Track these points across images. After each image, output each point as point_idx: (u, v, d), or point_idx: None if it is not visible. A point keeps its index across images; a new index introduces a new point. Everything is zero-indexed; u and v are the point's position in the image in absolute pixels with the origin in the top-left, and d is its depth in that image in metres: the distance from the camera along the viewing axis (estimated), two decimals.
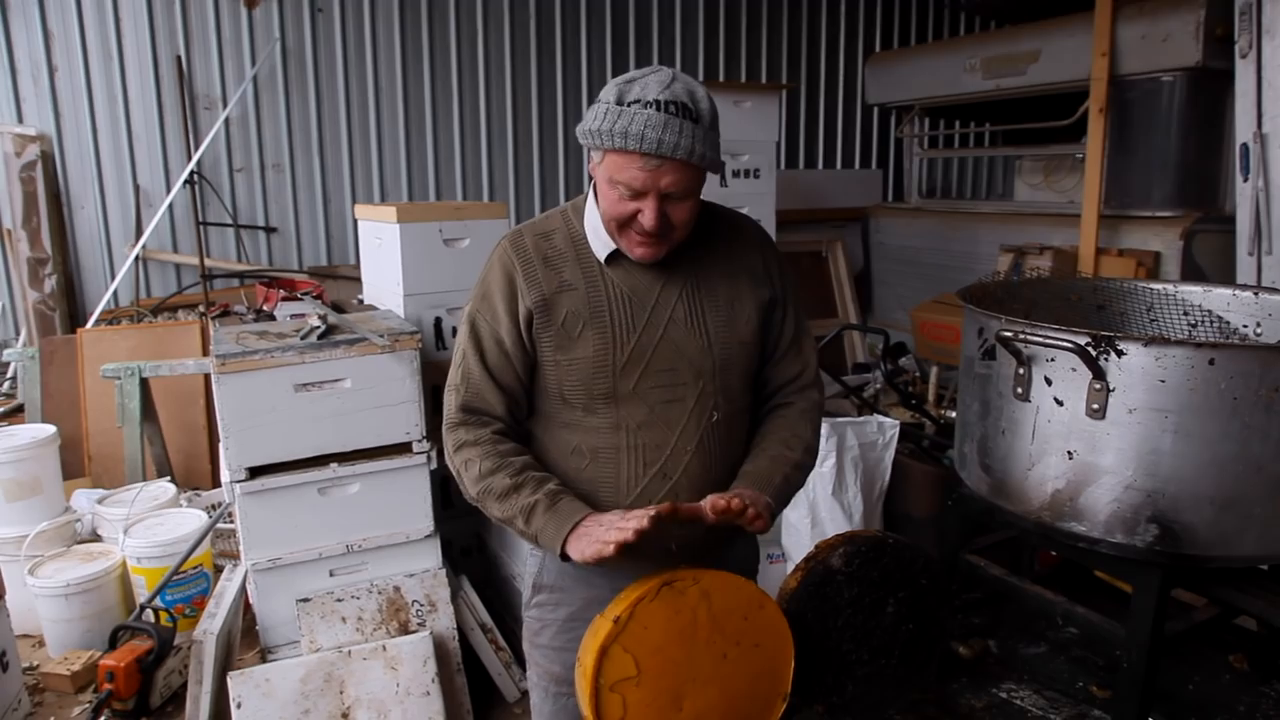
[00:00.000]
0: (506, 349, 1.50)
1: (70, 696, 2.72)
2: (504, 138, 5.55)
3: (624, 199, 1.38)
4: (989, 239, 4.80)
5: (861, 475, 3.03)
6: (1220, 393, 1.64)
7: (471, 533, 3.23)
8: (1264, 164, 3.54)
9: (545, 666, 1.63)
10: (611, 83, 1.41)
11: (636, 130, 1.32)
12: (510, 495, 1.44)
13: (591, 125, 1.37)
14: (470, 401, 1.51)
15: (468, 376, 1.52)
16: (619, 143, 1.33)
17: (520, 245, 1.51)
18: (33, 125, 4.45)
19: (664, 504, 1.34)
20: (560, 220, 1.55)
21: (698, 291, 1.53)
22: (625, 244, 1.45)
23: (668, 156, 1.33)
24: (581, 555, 1.37)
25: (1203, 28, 3.71)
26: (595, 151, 1.41)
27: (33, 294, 4.40)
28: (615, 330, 1.47)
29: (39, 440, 3.12)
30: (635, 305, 1.49)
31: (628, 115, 1.33)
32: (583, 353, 1.46)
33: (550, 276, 1.48)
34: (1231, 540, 1.72)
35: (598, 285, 1.49)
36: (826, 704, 1.65)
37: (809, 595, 1.61)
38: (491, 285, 1.52)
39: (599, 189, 1.44)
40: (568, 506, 1.43)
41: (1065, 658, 2.44)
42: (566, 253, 1.51)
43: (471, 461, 1.47)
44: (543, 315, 1.47)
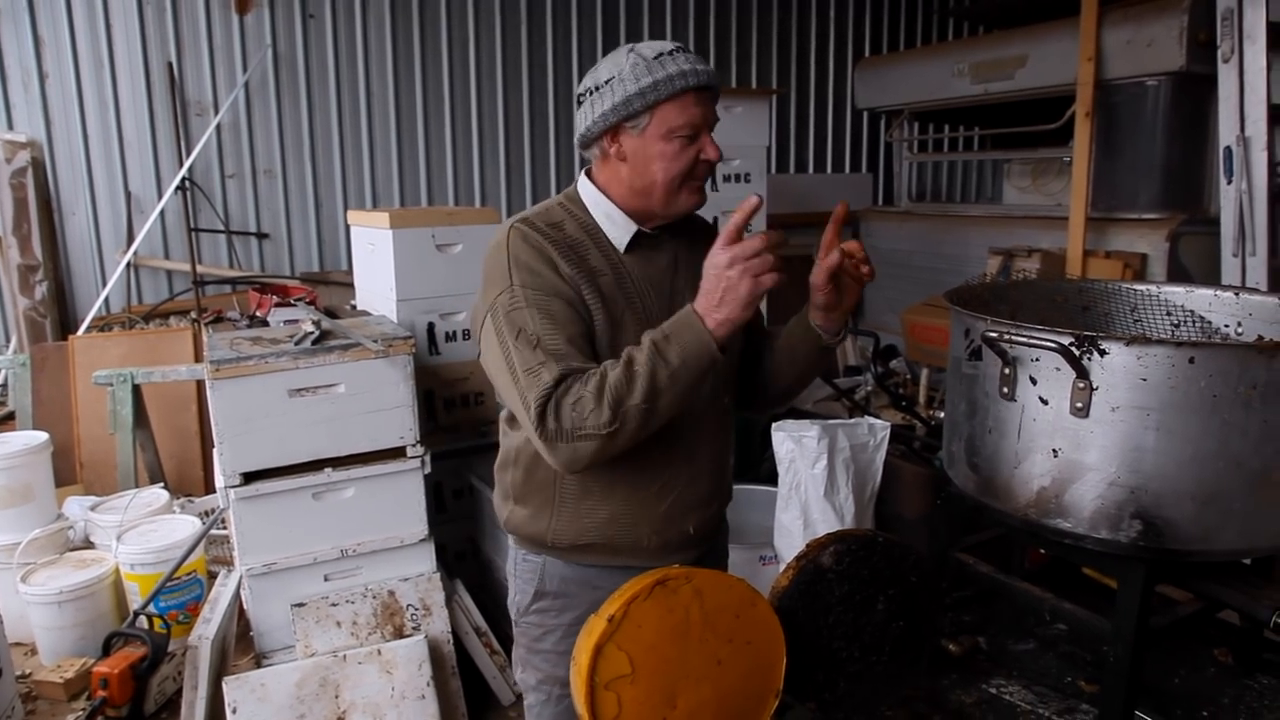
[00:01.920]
0: (579, 311, 1.42)
1: (63, 704, 2.71)
2: (496, 143, 5.57)
3: (684, 147, 1.41)
4: (978, 242, 4.84)
5: (853, 477, 3.05)
6: (1200, 391, 1.66)
7: (465, 537, 3.25)
8: (1247, 167, 3.59)
9: (549, 671, 1.63)
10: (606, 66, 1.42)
11: (686, 69, 1.37)
12: (631, 370, 1.33)
13: (629, 91, 1.38)
14: (567, 370, 1.37)
15: (555, 352, 1.38)
16: (679, 85, 1.37)
17: (537, 228, 1.46)
18: (23, 131, 4.45)
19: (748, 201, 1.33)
20: (562, 212, 1.52)
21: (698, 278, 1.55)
22: (683, 200, 1.47)
23: (714, 86, 1.40)
24: (743, 304, 1.31)
25: (1186, 33, 3.75)
26: (633, 121, 1.40)
27: (23, 301, 4.40)
28: (649, 320, 1.47)
29: (31, 447, 3.11)
30: (657, 293, 1.51)
31: (665, 63, 1.37)
32: (625, 341, 1.44)
33: (580, 261, 1.46)
34: (1213, 535, 1.75)
35: (622, 274, 1.49)
36: (818, 701, 1.68)
37: (800, 593, 1.63)
38: (533, 264, 1.43)
39: (647, 159, 1.43)
40: (674, 320, 1.37)
41: (1053, 653, 2.47)
42: (584, 241, 1.49)
43: (578, 401, 1.34)
44: (591, 291, 1.44)
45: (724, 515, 1.75)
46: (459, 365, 3.17)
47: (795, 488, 2.99)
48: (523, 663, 1.69)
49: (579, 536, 1.55)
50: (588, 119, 1.45)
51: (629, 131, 1.43)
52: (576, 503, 1.54)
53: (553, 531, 1.56)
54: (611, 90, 1.40)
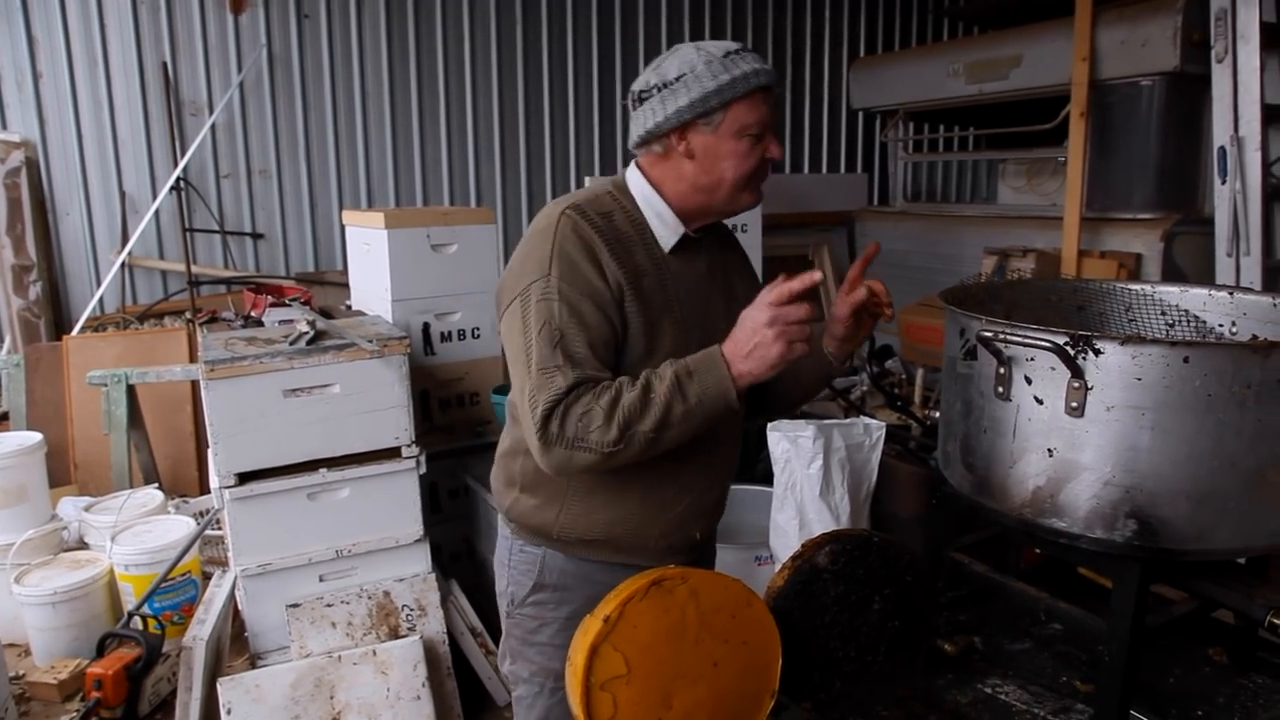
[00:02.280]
0: (610, 319, 1.41)
1: (57, 705, 2.71)
2: (491, 143, 5.56)
3: (753, 145, 1.43)
4: (973, 242, 4.84)
5: (848, 477, 3.06)
6: (1195, 390, 1.67)
7: (461, 537, 3.24)
8: (1241, 167, 3.60)
9: (543, 664, 1.62)
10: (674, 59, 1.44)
11: (760, 67, 1.40)
12: (648, 398, 1.34)
13: (704, 89, 1.39)
14: (579, 378, 1.37)
15: (573, 357, 1.37)
16: (752, 83, 1.39)
17: (590, 219, 1.45)
18: (17, 131, 4.43)
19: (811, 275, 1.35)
20: (612, 202, 1.51)
21: (729, 289, 1.57)
22: (744, 199, 1.48)
23: (777, 85, 1.44)
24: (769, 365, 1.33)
25: (1180, 33, 3.76)
26: (707, 119, 1.41)
27: (17, 301, 4.38)
28: (687, 323, 1.48)
29: (25, 448, 3.10)
30: (695, 299, 1.51)
31: (738, 62, 1.40)
32: (663, 343, 1.45)
33: (626, 258, 1.45)
34: (1207, 534, 1.75)
35: (664, 275, 1.49)
36: (814, 700, 1.68)
37: (796, 593, 1.63)
38: (575, 257, 1.41)
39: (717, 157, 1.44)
40: (700, 357, 1.38)
41: (1049, 653, 2.48)
42: (632, 236, 1.48)
43: (588, 414, 1.34)
44: (632, 293, 1.43)
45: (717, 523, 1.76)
46: (454, 365, 3.16)
47: (791, 488, 2.99)
48: (514, 654, 1.68)
49: (586, 532, 1.54)
50: (657, 115, 1.44)
51: (702, 129, 1.43)
52: (588, 498, 1.53)
53: (560, 524, 1.55)
54: (686, 87, 1.41)
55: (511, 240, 5.71)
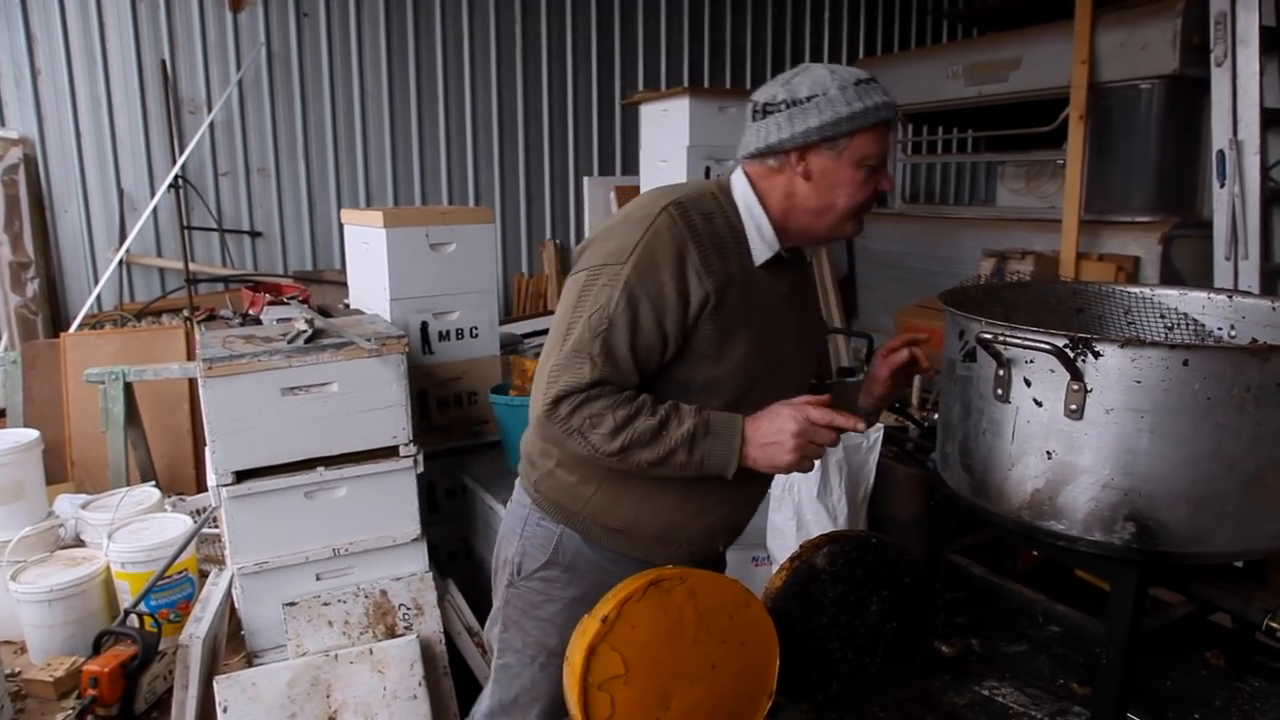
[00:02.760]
0: (666, 332, 1.42)
1: (53, 703, 2.70)
2: (490, 142, 5.56)
3: (868, 177, 1.45)
4: (972, 244, 4.84)
5: (846, 478, 3.05)
6: (1194, 393, 1.67)
7: (458, 537, 3.24)
8: (1239, 170, 3.60)
9: (539, 638, 1.62)
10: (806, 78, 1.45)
11: (887, 100, 1.43)
12: (660, 433, 1.39)
13: (837, 114, 1.40)
14: (606, 376, 1.39)
15: (610, 350, 1.39)
16: (881, 115, 1.42)
17: (690, 221, 1.44)
18: (15, 129, 4.43)
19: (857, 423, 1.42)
20: (716, 204, 1.50)
21: (800, 316, 1.59)
22: (848, 227, 1.51)
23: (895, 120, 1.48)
24: (774, 466, 1.41)
25: (1179, 37, 3.77)
26: (832, 144, 1.42)
27: (15, 298, 4.37)
28: (761, 339, 1.49)
29: (21, 445, 3.10)
30: (771, 316, 1.52)
31: (870, 92, 1.42)
32: (733, 354, 1.46)
33: (720, 266, 1.44)
34: (1206, 537, 1.75)
35: (750, 287, 1.49)
36: (811, 701, 1.68)
37: (794, 594, 1.63)
38: (659, 257, 1.40)
39: (834, 183, 1.45)
40: (722, 421, 1.42)
41: (1046, 655, 2.47)
42: (729, 242, 1.48)
43: (599, 416, 1.38)
44: (716, 306, 1.43)
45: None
46: (452, 364, 3.16)
47: (788, 489, 2.99)
48: (509, 623, 1.66)
49: (613, 518, 1.54)
50: (782, 131, 1.44)
51: (825, 152, 1.44)
52: (624, 486, 1.53)
53: (589, 506, 1.55)
54: (818, 109, 1.41)
55: (509, 240, 5.72)
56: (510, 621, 1.66)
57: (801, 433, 1.39)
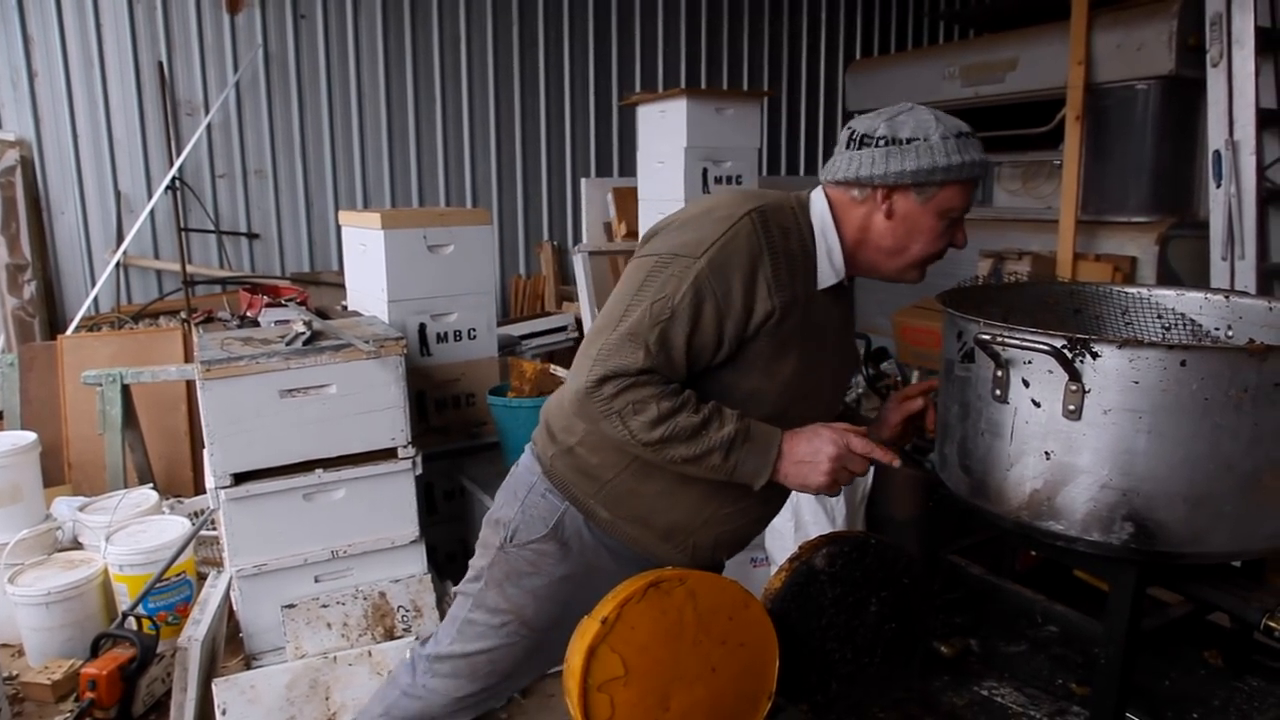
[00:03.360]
0: (724, 335, 1.41)
1: (51, 706, 2.70)
2: (487, 143, 5.56)
3: (946, 229, 1.48)
4: (969, 244, 4.85)
5: None
6: (1192, 394, 1.66)
7: (456, 538, 3.24)
8: (1235, 170, 3.61)
9: (518, 604, 1.61)
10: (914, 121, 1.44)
11: (980, 159, 1.44)
12: (701, 432, 1.39)
13: (935, 162, 1.41)
14: (658, 365, 1.38)
15: (665, 341, 1.38)
16: (974, 172, 1.43)
17: (770, 232, 1.44)
18: (12, 131, 4.43)
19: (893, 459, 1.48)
20: (793, 221, 1.50)
21: (841, 342, 1.61)
22: (913, 274, 1.55)
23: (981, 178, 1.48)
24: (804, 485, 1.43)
25: (1175, 37, 3.77)
26: (923, 191, 1.44)
27: (12, 300, 4.37)
28: (808, 362, 1.50)
29: (19, 447, 3.10)
30: (821, 342, 1.53)
31: (964, 146, 1.42)
32: (783, 370, 1.47)
33: (790, 283, 1.45)
34: (1204, 537, 1.75)
35: (809, 310, 1.49)
36: (810, 702, 1.68)
37: (793, 595, 1.63)
38: (734, 261, 1.40)
39: (915, 228, 1.47)
40: (762, 431, 1.43)
41: (1045, 655, 2.47)
42: (800, 261, 1.48)
43: (643, 404, 1.37)
44: (779, 321, 1.43)
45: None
46: (450, 366, 3.16)
47: None
48: (492, 582, 1.64)
49: (624, 507, 1.54)
50: (877, 167, 1.44)
51: (913, 196, 1.45)
52: (645, 478, 1.53)
53: (605, 491, 1.55)
54: (916, 153, 1.42)
55: (507, 242, 5.72)
56: (492, 582, 1.64)
57: (839, 457, 1.41)
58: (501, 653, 1.65)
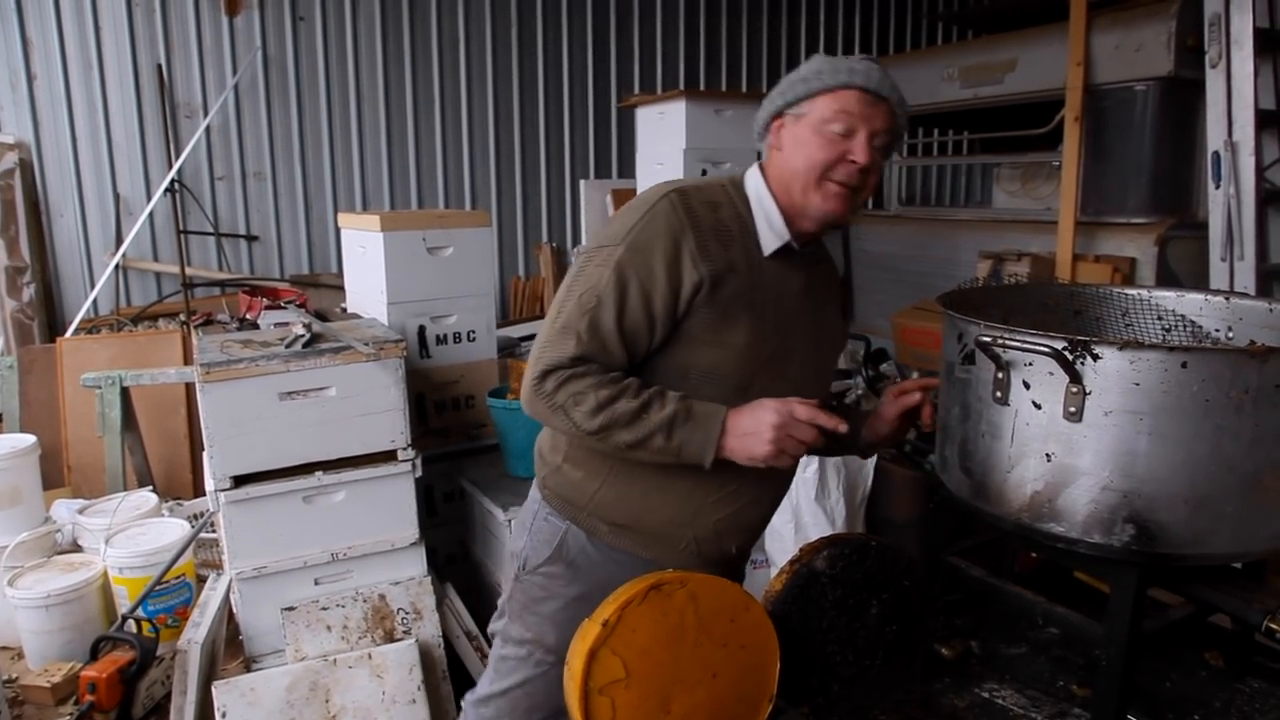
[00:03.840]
0: (654, 313, 1.42)
1: (51, 709, 2.69)
2: (486, 146, 5.56)
3: (835, 140, 1.41)
4: (968, 246, 4.85)
5: (844, 480, 3.06)
6: (1193, 395, 1.67)
7: (456, 540, 3.23)
8: (1235, 171, 3.61)
9: (538, 634, 1.62)
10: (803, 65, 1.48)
11: (861, 70, 1.40)
12: (640, 415, 1.39)
13: (801, 76, 1.43)
14: (590, 352, 1.42)
15: (596, 326, 1.41)
16: (842, 79, 1.40)
17: (690, 209, 1.45)
18: (11, 133, 4.42)
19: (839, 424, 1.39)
20: (724, 195, 1.51)
21: (817, 314, 1.58)
22: (818, 199, 1.45)
23: (885, 96, 1.41)
24: (750, 457, 1.39)
25: (1174, 38, 3.77)
26: (792, 110, 1.44)
27: (11, 303, 4.36)
28: (765, 326, 1.48)
29: (18, 450, 3.09)
30: (780, 309, 1.51)
31: (843, 62, 1.41)
32: (734, 339, 1.45)
33: (719, 252, 1.45)
34: (1205, 539, 1.75)
35: (756, 276, 1.49)
36: (811, 705, 1.67)
37: (794, 597, 1.63)
38: (653, 241, 1.42)
39: (802, 141, 1.44)
40: (703, 410, 1.41)
41: (1046, 657, 2.48)
42: (734, 231, 1.48)
43: (582, 394, 1.39)
44: (711, 290, 1.43)
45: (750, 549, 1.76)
46: (450, 368, 3.15)
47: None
48: (513, 616, 1.67)
49: (618, 514, 1.54)
50: (763, 110, 1.50)
51: (790, 120, 1.46)
52: (629, 481, 1.53)
53: (595, 501, 1.55)
54: (786, 83, 1.46)
55: (506, 243, 5.72)
56: (513, 614, 1.67)
57: (781, 425, 1.37)
58: (536, 684, 1.64)
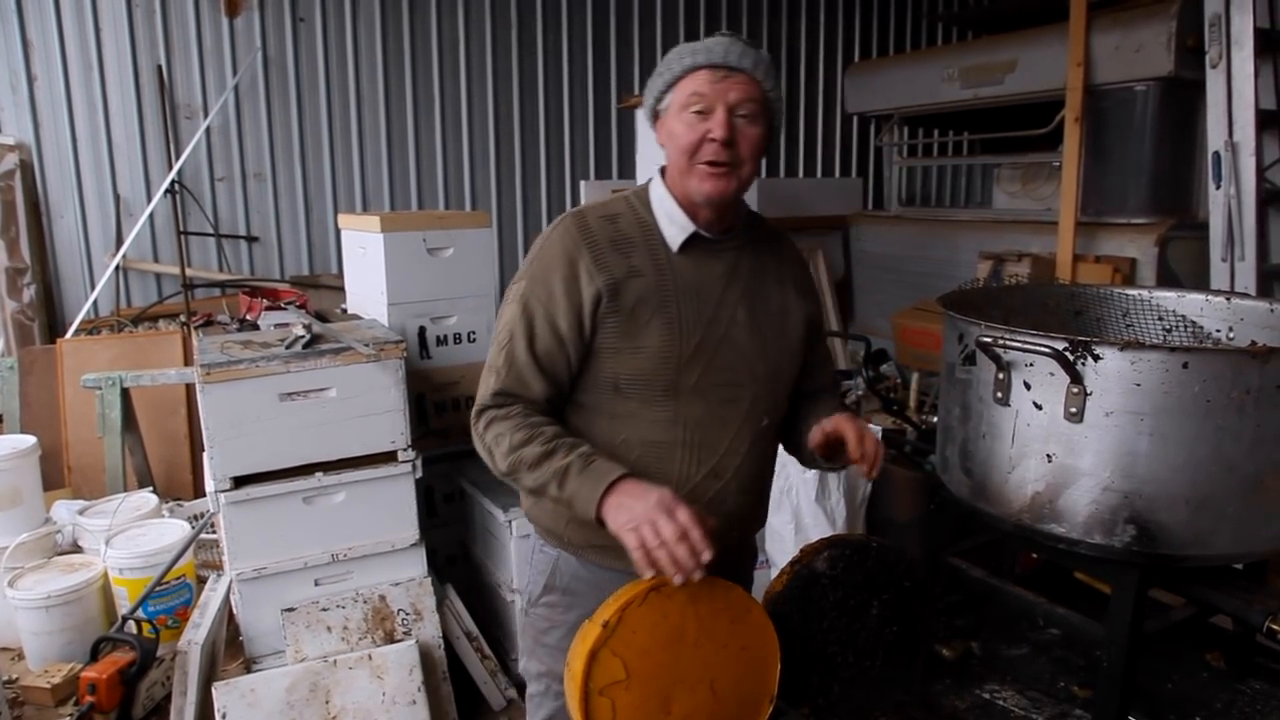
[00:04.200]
0: (561, 334, 1.45)
1: (51, 710, 2.69)
2: (486, 146, 5.56)
3: (695, 122, 1.41)
4: (968, 246, 4.85)
5: (844, 481, 3.05)
6: (1194, 395, 1.67)
7: (456, 541, 3.23)
8: (1235, 172, 3.61)
9: (550, 665, 1.62)
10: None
11: (704, 48, 1.41)
12: (542, 462, 1.40)
13: (656, 73, 1.46)
14: (510, 386, 1.46)
15: (512, 360, 1.46)
16: (689, 62, 1.41)
17: (585, 226, 1.48)
18: (11, 134, 4.42)
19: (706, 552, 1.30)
20: (624, 205, 1.53)
21: (756, 296, 1.55)
22: (695, 181, 1.44)
23: (734, 67, 1.40)
24: (618, 529, 1.32)
25: (1174, 39, 3.77)
26: (660, 106, 1.46)
27: (11, 304, 4.36)
28: (682, 323, 1.47)
29: (18, 451, 3.09)
30: (701, 300, 1.49)
31: (692, 45, 1.43)
32: (649, 342, 1.45)
33: (619, 261, 1.46)
34: (1206, 539, 1.75)
35: (665, 275, 1.48)
36: (812, 705, 1.67)
37: (794, 598, 1.63)
38: (550, 266, 1.46)
39: (672, 132, 1.45)
40: (602, 467, 1.38)
41: (1047, 658, 2.47)
42: (634, 238, 1.49)
43: (502, 436, 1.43)
44: (611, 300, 1.44)
45: (751, 541, 1.74)
46: (450, 369, 3.15)
47: (786, 492, 2.99)
48: (528, 652, 1.69)
49: (594, 534, 1.52)
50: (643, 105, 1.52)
51: (662, 113, 1.47)
52: None
53: (568, 529, 1.55)
54: (651, 81, 1.48)
55: (506, 244, 5.72)
56: (528, 650, 1.69)
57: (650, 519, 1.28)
58: (563, 716, 1.62)
